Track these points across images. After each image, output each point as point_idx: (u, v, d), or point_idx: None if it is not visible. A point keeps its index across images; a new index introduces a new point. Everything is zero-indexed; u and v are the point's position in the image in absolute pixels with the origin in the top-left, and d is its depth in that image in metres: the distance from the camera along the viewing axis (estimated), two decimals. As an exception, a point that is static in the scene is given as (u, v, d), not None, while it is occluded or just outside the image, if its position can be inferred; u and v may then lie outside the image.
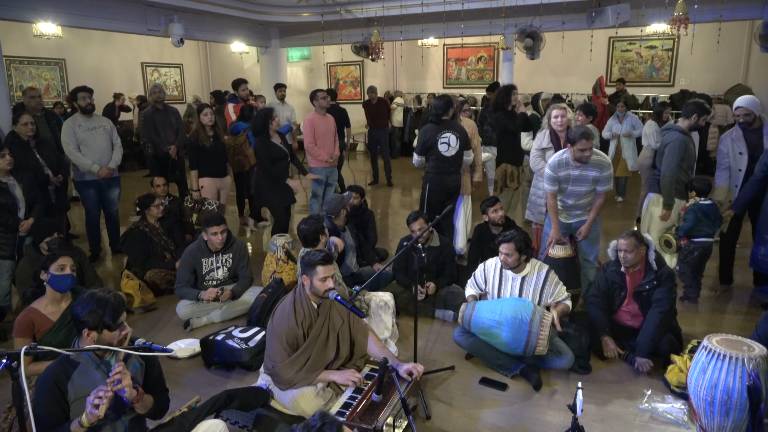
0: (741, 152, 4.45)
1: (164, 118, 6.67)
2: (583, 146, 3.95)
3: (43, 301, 3.17)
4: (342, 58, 11.70)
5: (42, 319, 3.10)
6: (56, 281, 3.14)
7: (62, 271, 3.14)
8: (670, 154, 4.42)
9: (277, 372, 2.96)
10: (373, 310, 4.00)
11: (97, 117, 5.62)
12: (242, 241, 4.55)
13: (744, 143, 4.43)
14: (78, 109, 5.49)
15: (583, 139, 3.94)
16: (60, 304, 3.18)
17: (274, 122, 5.36)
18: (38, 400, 2.22)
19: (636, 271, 3.62)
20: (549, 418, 3.06)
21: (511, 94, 5.72)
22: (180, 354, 3.75)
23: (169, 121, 6.69)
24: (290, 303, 3.03)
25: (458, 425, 3.01)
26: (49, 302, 3.16)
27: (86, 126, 5.41)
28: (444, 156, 4.98)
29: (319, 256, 2.98)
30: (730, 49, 10.30)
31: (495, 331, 3.44)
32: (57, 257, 3.17)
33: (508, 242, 3.58)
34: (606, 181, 4.11)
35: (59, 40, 10.64)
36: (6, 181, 4.25)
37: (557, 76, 11.96)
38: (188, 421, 2.53)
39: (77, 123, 5.38)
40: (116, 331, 2.29)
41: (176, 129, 6.77)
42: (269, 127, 5.34)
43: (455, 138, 4.97)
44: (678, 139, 4.43)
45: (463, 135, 5.01)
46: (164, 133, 6.64)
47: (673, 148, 4.41)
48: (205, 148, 5.74)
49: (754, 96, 4.43)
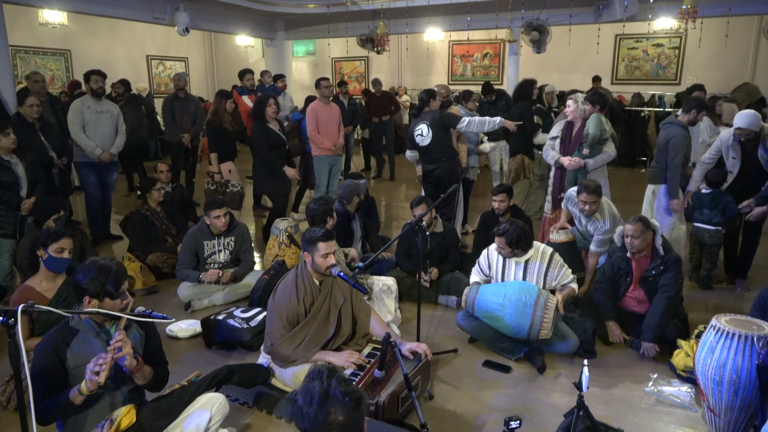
0: (734, 157, 4.49)
1: (183, 106, 6.80)
2: (585, 199, 4.02)
3: (38, 278, 3.14)
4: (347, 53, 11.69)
5: (37, 296, 3.05)
6: (52, 263, 3.09)
7: (60, 254, 3.09)
8: (674, 149, 4.46)
9: (275, 349, 2.93)
10: (376, 294, 3.96)
11: (106, 101, 5.65)
12: (244, 224, 4.52)
13: (739, 150, 4.47)
14: (89, 92, 5.51)
15: (585, 192, 4.01)
16: (55, 280, 3.15)
17: (270, 108, 5.32)
18: (37, 367, 2.20)
19: (642, 256, 3.58)
20: (553, 399, 3.02)
21: (533, 86, 5.92)
22: (180, 334, 3.73)
23: (187, 109, 6.85)
24: (292, 280, 3.00)
25: (461, 405, 2.97)
26: (44, 279, 3.13)
27: (94, 109, 5.43)
28: (420, 146, 5.09)
29: (320, 232, 2.95)
30: (737, 47, 10.24)
31: (498, 315, 3.39)
32: (59, 237, 3.10)
33: (499, 236, 3.54)
34: (601, 244, 4.13)
35: (65, 30, 10.65)
36: (9, 159, 4.23)
37: (562, 73, 11.89)
38: (188, 394, 2.49)
39: (86, 104, 5.40)
40: (118, 299, 2.26)
41: (194, 118, 6.87)
42: (266, 113, 5.32)
43: (426, 127, 5.01)
44: (680, 134, 4.48)
45: (435, 121, 4.99)
46: (181, 121, 6.74)
47: (676, 144, 4.45)
48: (227, 132, 5.72)
49: (754, 112, 4.38)
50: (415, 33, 10.68)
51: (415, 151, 5.19)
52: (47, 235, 3.12)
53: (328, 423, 1.35)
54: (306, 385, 1.41)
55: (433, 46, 12.97)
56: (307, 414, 1.36)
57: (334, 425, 1.35)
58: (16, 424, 2.46)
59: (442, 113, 5.07)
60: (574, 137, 4.73)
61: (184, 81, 7.00)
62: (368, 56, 13.35)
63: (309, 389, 1.39)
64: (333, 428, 1.35)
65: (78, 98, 5.60)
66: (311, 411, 1.35)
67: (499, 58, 12.98)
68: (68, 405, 2.13)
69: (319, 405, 1.36)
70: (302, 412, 1.36)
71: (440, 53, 13.57)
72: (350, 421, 1.37)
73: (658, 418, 2.85)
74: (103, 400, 2.30)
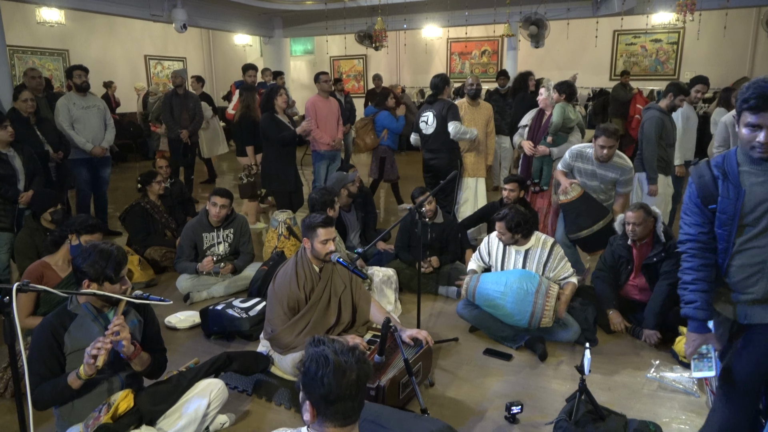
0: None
1: (182, 102, 6.82)
2: (603, 143, 3.92)
3: (57, 256, 3.30)
4: (345, 51, 11.66)
5: (52, 273, 3.23)
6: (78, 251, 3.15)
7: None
8: (648, 130, 4.53)
9: (276, 336, 2.91)
10: (376, 284, 3.94)
11: (92, 96, 5.62)
12: (244, 216, 4.49)
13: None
14: (73, 87, 5.47)
15: (603, 135, 3.92)
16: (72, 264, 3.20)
17: (280, 98, 5.24)
18: (34, 350, 2.18)
19: (643, 244, 3.56)
20: (555, 386, 3.00)
21: (529, 78, 5.94)
22: (179, 325, 3.71)
23: (186, 106, 6.86)
24: (292, 266, 2.98)
25: (462, 392, 2.95)
26: (62, 259, 3.30)
27: (81, 104, 5.39)
28: (424, 134, 5.11)
29: (319, 218, 2.93)
30: (735, 41, 10.23)
31: (499, 302, 3.37)
32: (94, 231, 3.33)
33: (499, 221, 3.52)
34: (626, 184, 4.10)
35: (62, 30, 10.62)
36: (6, 152, 4.21)
37: (561, 69, 11.85)
38: (186, 380, 2.47)
39: (72, 101, 5.36)
40: (117, 284, 2.24)
41: (193, 114, 6.88)
42: (275, 104, 5.24)
43: (432, 116, 5.00)
44: (655, 116, 4.52)
45: (440, 111, 4.96)
46: (179, 117, 6.78)
47: (650, 125, 4.52)
48: (258, 124, 5.63)
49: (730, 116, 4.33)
50: (413, 29, 10.66)
51: (418, 136, 5.23)
52: (84, 225, 3.31)
53: (346, 380, 1.37)
54: (312, 352, 1.41)
55: (431, 43, 12.96)
56: (325, 376, 1.36)
57: (351, 382, 1.37)
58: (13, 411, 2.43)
59: (450, 105, 5.03)
60: (543, 125, 4.77)
61: (182, 78, 7.00)
62: (366, 54, 13.32)
63: (318, 353, 1.39)
64: (351, 386, 1.37)
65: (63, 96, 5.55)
66: (328, 372, 1.36)
67: (497, 55, 12.96)
68: (66, 389, 2.11)
69: (336, 365, 1.37)
70: (317, 376, 1.36)
71: (438, 51, 13.55)
72: (364, 376, 1.40)
73: (660, 404, 2.83)
74: (100, 386, 2.28)
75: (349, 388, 1.37)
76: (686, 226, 2.08)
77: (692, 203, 2.04)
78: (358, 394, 1.41)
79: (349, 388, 1.37)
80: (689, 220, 2.07)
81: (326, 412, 1.38)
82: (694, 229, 2.05)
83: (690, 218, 2.06)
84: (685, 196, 2.09)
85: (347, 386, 1.37)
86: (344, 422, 1.40)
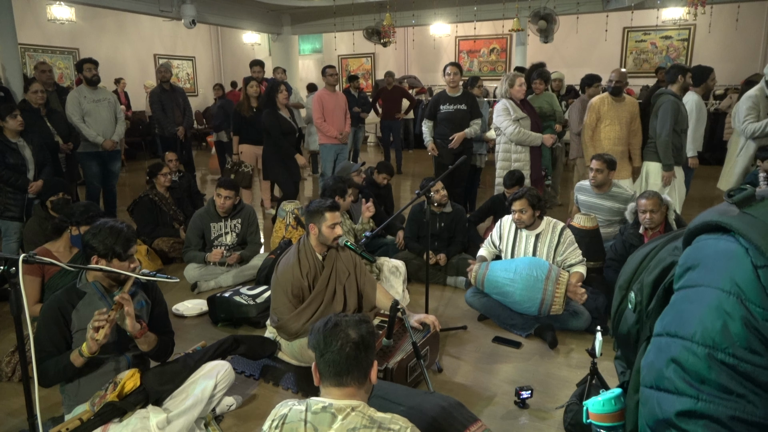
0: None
1: (171, 98, 6.69)
2: (594, 166, 4.06)
3: (58, 244, 3.28)
4: (354, 50, 11.66)
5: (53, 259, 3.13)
6: (79, 241, 3.15)
7: None
8: (664, 116, 4.45)
9: (282, 324, 2.89)
10: (385, 275, 3.92)
11: (102, 90, 5.62)
12: (251, 206, 4.49)
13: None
14: (83, 81, 5.49)
15: (594, 158, 4.06)
16: (71, 251, 3.27)
17: (281, 95, 5.31)
18: (41, 326, 2.18)
19: (655, 232, 3.51)
20: (565, 373, 2.95)
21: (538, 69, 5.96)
22: (187, 313, 3.70)
23: (176, 101, 6.72)
24: (294, 254, 2.95)
25: (470, 378, 2.91)
26: (63, 246, 3.28)
27: (91, 98, 5.40)
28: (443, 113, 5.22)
29: (326, 202, 2.91)
30: (747, 36, 10.11)
31: (509, 290, 3.34)
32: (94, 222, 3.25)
33: (520, 198, 3.49)
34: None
35: (73, 28, 10.71)
36: (16, 141, 4.23)
37: (570, 67, 11.78)
38: (193, 361, 2.46)
39: (82, 94, 5.37)
40: (126, 261, 2.24)
41: (183, 109, 6.78)
42: (277, 99, 5.30)
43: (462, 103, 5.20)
44: (670, 101, 4.44)
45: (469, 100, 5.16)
46: (171, 114, 6.66)
47: (666, 110, 4.43)
48: (246, 118, 5.93)
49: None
50: (421, 26, 10.64)
51: (431, 123, 5.33)
52: (84, 216, 3.25)
53: (339, 330, 1.47)
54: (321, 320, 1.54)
55: (439, 41, 12.94)
56: (322, 327, 1.47)
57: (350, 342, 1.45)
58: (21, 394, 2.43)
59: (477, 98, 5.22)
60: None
61: (170, 72, 6.82)
62: (375, 52, 13.32)
63: (324, 319, 1.51)
64: (342, 337, 1.46)
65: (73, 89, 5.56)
66: (328, 325, 1.47)
67: (506, 53, 12.91)
68: (68, 366, 2.10)
69: (335, 321, 1.49)
70: (317, 331, 1.48)
71: (447, 49, 13.52)
72: (361, 338, 1.47)
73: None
74: (107, 365, 2.28)
75: (339, 338, 1.44)
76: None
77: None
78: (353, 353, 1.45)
79: (339, 338, 1.44)
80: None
81: (322, 369, 1.46)
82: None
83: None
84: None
85: (338, 336, 1.45)
86: (338, 380, 1.44)
